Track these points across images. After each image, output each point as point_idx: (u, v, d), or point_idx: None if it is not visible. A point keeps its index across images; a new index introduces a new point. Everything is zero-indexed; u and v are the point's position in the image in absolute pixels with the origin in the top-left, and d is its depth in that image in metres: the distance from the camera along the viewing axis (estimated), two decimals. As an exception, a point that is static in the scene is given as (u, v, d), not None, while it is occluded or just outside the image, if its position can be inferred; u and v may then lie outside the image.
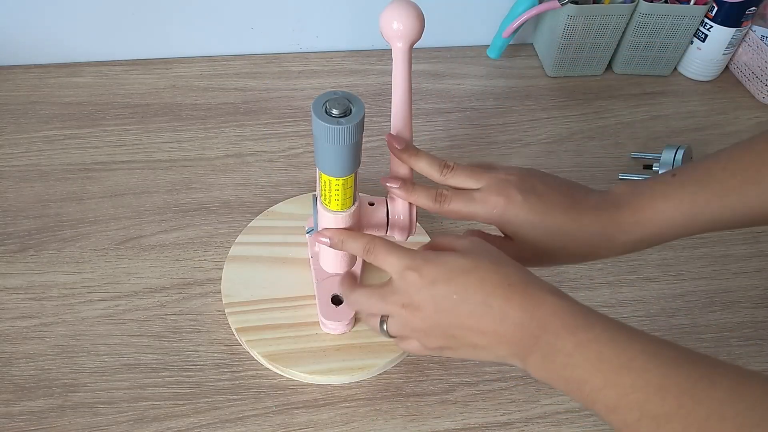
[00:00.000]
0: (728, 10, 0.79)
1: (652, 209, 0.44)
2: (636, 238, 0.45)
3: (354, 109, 0.43)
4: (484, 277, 0.40)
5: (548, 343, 0.38)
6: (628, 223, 0.44)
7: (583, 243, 0.45)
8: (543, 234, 0.45)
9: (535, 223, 0.44)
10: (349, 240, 0.48)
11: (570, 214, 0.45)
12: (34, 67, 0.82)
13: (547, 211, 0.44)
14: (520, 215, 0.44)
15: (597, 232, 0.45)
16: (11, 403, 0.52)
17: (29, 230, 0.64)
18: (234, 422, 0.52)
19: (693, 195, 0.44)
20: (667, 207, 0.44)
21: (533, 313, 0.38)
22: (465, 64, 0.87)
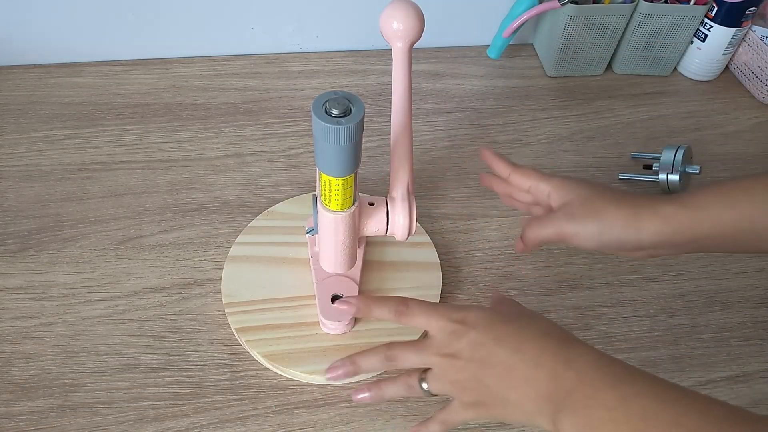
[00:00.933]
0: (728, 10, 0.79)
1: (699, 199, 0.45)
2: (678, 212, 0.45)
3: (354, 109, 0.43)
4: (522, 326, 0.40)
5: (585, 397, 0.36)
6: (674, 203, 0.46)
7: (625, 209, 0.46)
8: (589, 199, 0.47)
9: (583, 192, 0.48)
10: (376, 307, 0.46)
11: (618, 194, 0.48)
12: (34, 67, 0.82)
13: (596, 198, 0.47)
14: (579, 192, 0.49)
15: (641, 207, 0.46)
16: (11, 403, 0.52)
17: (29, 230, 0.64)
18: (234, 422, 0.52)
19: (683, 214, 0.45)
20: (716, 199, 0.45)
21: (569, 365, 0.37)
22: (465, 64, 0.87)
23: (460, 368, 0.41)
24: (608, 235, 0.46)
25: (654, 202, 0.46)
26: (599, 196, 0.47)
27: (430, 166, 0.73)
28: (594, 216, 0.47)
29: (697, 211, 0.45)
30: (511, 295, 0.61)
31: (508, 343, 0.39)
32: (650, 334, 0.59)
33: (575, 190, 0.48)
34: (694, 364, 0.57)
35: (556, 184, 0.50)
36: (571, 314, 0.60)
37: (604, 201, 0.47)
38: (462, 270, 0.63)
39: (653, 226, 0.45)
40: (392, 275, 0.60)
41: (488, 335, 0.40)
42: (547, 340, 0.39)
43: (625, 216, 0.46)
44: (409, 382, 0.44)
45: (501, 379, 0.39)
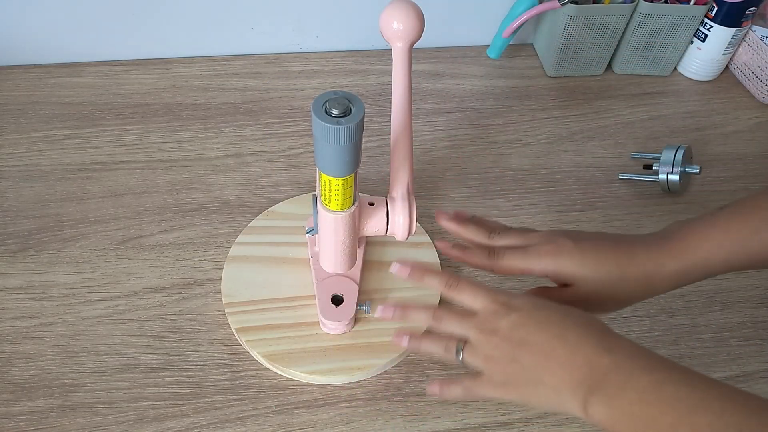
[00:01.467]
0: (728, 10, 0.79)
1: (700, 236, 0.45)
2: (685, 265, 0.45)
3: (354, 109, 0.43)
4: (566, 315, 0.41)
5: (619, 382, 0.37)
6: (677, 250, 0.45)
7: (639, 276, 0.45)
8: (600, 272, 0.45)
9: (589, 266, 0.45)
10: (428, 275, 0.46)
11: (621, 250, 0.46)
12: (34, 67, 0.82)
13: (599, 254, 0.46)
14: (574, 260, 0.45)
15: (650, 263, 0.45)
16: (11, 403, 0.52)
17: (29, 230, 0.64)
18: (234, 422, 0.52)
19: (740, 223, 0.44)
20: (716, 234, 0.45)
21: (607, 352, 0.38)
22: (465, 64, 0.87)
23: (495, 345, 0.41)
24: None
25: (661, 263, 0.46)
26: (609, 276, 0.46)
27: (430, 166, 0.73)
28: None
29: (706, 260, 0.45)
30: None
31: (550, 328, 0.40)
32: (650, 334, 0.59)
33: (584, 275, 0.46)
34: (694, 364, 0.57)
35: (557, 269, 0.47)
36: (571, 314, 0.60)
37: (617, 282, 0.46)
38: (462, 270, 0.63)
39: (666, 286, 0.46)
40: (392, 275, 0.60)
41: (531, 318, 0.41)
42: (588, 329, 0.40)
43: (637, 283, 0.46)
44: (447, 344, 0.44)
45: (538, 361, 0.40)
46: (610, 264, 0.45)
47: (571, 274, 0.46)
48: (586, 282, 0.46)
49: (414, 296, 0.58)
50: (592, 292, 0.46)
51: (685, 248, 0.45)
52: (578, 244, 0.46)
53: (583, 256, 0.46)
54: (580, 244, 0.46)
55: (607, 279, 0.45)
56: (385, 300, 0.58)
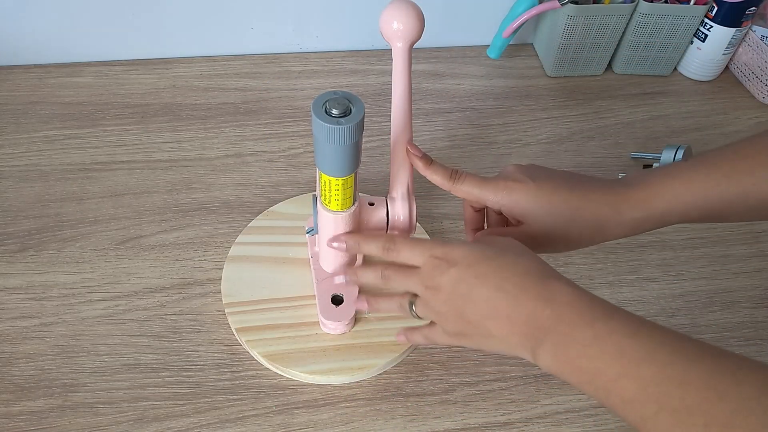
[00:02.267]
0: (728, 10, 0.79)
1: (662, 186, 0.44)
2: (644, 214, 0.45)
3: (354, 109, 0.43)
4: (503, 264, 0.40)
5: (562, 334, 0.37)
6: (636, 199, 0.45)
7: (591, 220, 0.45)
8: (552, 213, 0.45)
9: (543, 203, 0.45)
10: (365, 242, 0.48)
11: (577, 191, 0.45)
12: (34, 67, 0.82)
13: (554, 190, 0.45)
14: (529, 195, 0.45)
15: (605, 207, 0.45)
16: (11, 403, 0.52)
17: (29, 230, 0.64)
18: (234, 422, 0.52)
19: (704, 176, 0.44)
20: (677, 185, 0.44)
21: (548, 303, 0.38)
22: (465, 64, 0.87)
23: (442, 301, 0.42)
24: None
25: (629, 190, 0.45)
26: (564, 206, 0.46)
27: (430, 166, 0.73)
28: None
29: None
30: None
31: (489, 281, 0.40)
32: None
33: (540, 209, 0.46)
34: (694, 364, 0.57)
35: (506, 197, 0.46)
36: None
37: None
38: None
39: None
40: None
41: (469, 272, 0.41)
42: (526, 278, 0.39)
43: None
44: (401, 302, 0.46)
45: (482, 315, 0.40)
46: (562, 205, 0.45)
47: (523, 210, 0.46)
48: (536, 220, 0.45)
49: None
50: (542, 231, 0.46)
51: (644, 197, 0.45)
52: (536, 181, 0.46)
53: (538, 195, 0.45)
54: (538, 182, 0.46)
55: (558, 219, 0.45)
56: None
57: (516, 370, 0.56)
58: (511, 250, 0.42)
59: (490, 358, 0.57)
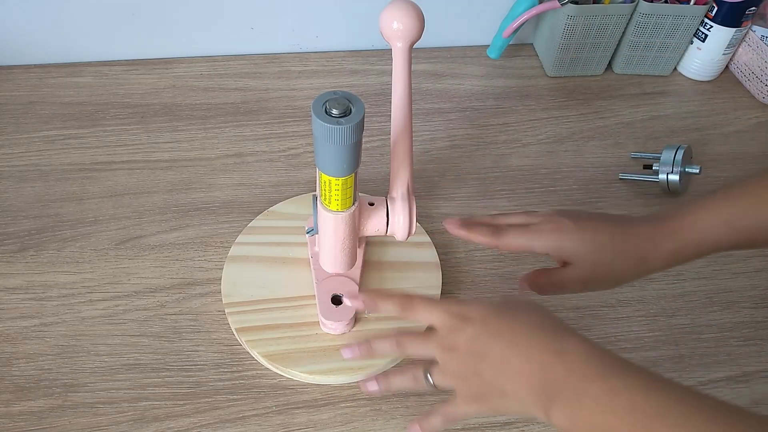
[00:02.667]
0: (728, 10, 0.79)
1: (694, 216, 0.47)
2: (678, 245, 0.47)
3: (354, 109, 0.43)
4: (517, 320, 0.41)
5: (575, 388, 0.37)
6: (671, 230, 0.47)
7: (634, 253, 0.47)
8: (597, 252, 0.47)
9: (588, 242, 0.47)
10: (382, 301, 0.46)
11: (618, 228, 0.48)
12: (34, 67, 0.82)
13: (597, 230, 0.48)
14: (573, 238, 0.47)
15: (646, 241, 0.47)
16: (11, 403, 0.52)
17: (29, 230, 0.64)
18: (234, 422, 0.52)
19: (730, 205, 0.46)
20: (708, 215, 0.46)
21: (559, 356, 0.38)
22: (465, 64, 0.87)
23: (460, 361, 0.42)
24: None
25: (656, 242, 0.47)
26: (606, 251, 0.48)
27: (430, 166, 0.73)
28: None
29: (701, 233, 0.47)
30: (511, 295, 0.61)
31: (503, 337, 0.40)
32: (650, 334, 0.59)
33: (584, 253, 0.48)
34: (694, 364, 0.57)
35: (557, 246, 0.48)
36: (571, 314, 0.60)
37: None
38: (462, 270, 0.63)
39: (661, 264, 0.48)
40: (392, 275, 0.60)
41: (485, 328, 0.41)
42: (538, 332, 0.40)
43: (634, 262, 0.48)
44: (414, 374, 0.45)
45: (497, 371, 0.40)
46: (607, 242, 0.47)
47: (570, 252, 0.47)
48: (584, 259, 0.47)
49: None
50: (590, 269, 0.47)
51: (679, 229, 0.47)
52: (577, 222, 0.48)
53: (582, 234, 0.47)
54: (579, 223, 0.48)
55: (604, 256, 0.47)
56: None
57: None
58: (527, 306, 0.42)
59: (490, 358, 0.56)
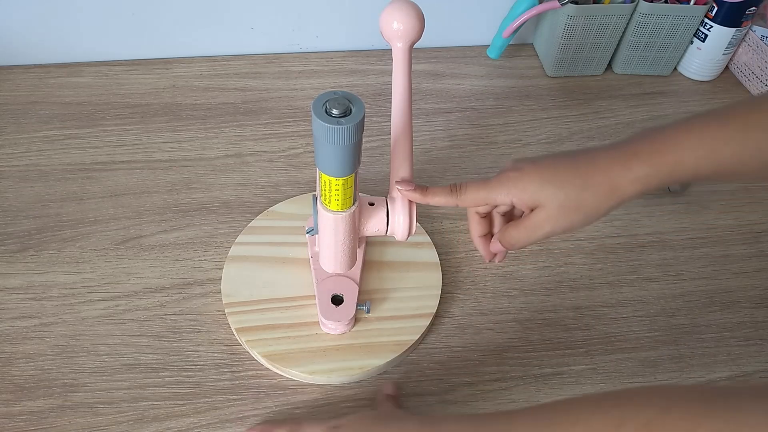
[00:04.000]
0: (728, 10, 0.79)
1: (673, 138, 0.42)
2: (653, 169, 0.43)
3: (354, 109, 0.43)
4: (389, 422, 0.46)
5: None
6: (644, 153, 0.43)
7: (603, 181, 0.43)
8: (562, 186, 0.44)
9: (550, 178, 0.44)
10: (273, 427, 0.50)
11: (582, 160, 0.44)
12: (34, 67, 0.82)
13: (557, 164, 0.45)
14: (533, 180, 0.44)
15: (615, 165, 0.43)
16: (11, 403, 0.52)
17: (29, 230, 0.64)
18: (234, 422, 0.52)
19: (716, 130, 0.42)
20: (688, 138, 0.42)
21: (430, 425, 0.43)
22: (465, 64, 0.87)
23: None
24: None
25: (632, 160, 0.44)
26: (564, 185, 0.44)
27: (430, 166, 0.73)
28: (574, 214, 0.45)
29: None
30: (511, 295, 0.61)
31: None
32: (650, 334, 0.59)
33: (539, 193, 0.45)
34: (694, 364, 0.57)
35: (510, 191, 0.46)
36: (571, 314, 0.60)
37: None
38: (462, 270, 0.63)
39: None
40: (392, 275, 0.60)
41: (356, 427, 0.46)
42: (406, 422, 0.44)
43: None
44: None
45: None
46: (570, 174, 0.44)
47: (533, 194, 0.45)
48: (550, 199, 0.44)
49: (415, 294, 0.58)
50: (558, 209, 0.44)
51: (654, 151, 0.43)
52: (536, 164, 0.45)
53: (542, 173, 0.45)
54: (538, 164, 0.45)
55: (569, 191, 0.44)
56: (385, 300, 0.58)
57: (516, 370, 0.56)
58: (399, 415, 0.47)
59: (490, 358, 0.57)
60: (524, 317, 0.60)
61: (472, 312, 0.60)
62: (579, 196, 0.44)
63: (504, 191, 0.46)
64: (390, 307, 0.58)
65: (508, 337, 0.58)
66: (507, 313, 0.60)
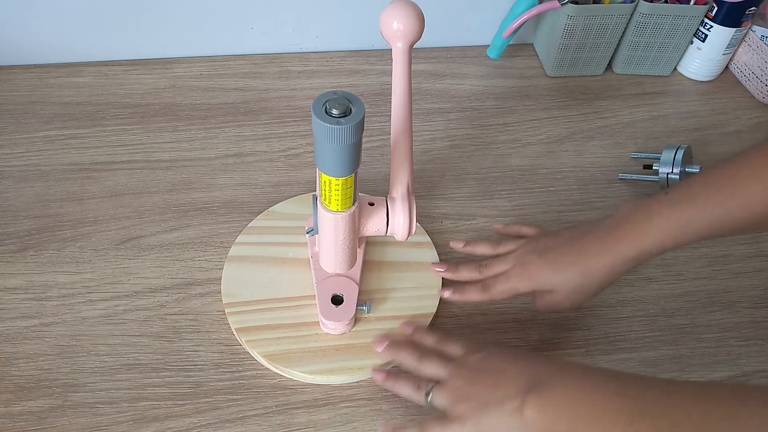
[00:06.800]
0: (728, 10, 0.79)
1: (648, 224, 0.51)
2: (641, 249, 0.51)
3: (354, 109, 0.43)
4: (518, 352, 0.47)
5: (555, 378, 0.42)
6: (630, 237, 0.51)
7: (600, 269, 0.52)
8: (567, 279, 0.53)
9: (557, 274, 0.53)
10: (401, 352, 0.51)
11: (579, 252, 0.53)
12: (34, 67, 0.82)
13: (562, 262, 0.53)
14: (544, 274, 0.53)
15: (607, 255, 0.52)
16: (11, 403, 0.52)
17: (29, 230, 0.64)
18: (234, 422, 0.52)
19: (680, 211, 0.50)
20: (661, 222, 0.50)
21: (549, 364, 0.44)
22: (465, 64, 0.87)
23: (463, 376, 0.46)
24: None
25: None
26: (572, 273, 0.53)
27: (430, 166, 0.73)
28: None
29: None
30: None
31: (506, 358, 0.46)
32: (650, 334, 0.59)
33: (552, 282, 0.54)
34: (694, 364, 0.57)
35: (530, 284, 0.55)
36: (571, 314, 0.60)
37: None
38: (462, 270, 0.63)
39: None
40: (392, 275, 0.60)
41: (494, 353, 0.47)
42: (538, 357, 0.46)
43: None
44: (420, 384, 0.48)
45: (490, 383, 0.45)
46: (573, 268, 0.53)
47: (546, 286, 0.54)
48: (560, 287, 0.53)
49: (415, 294, 0.58)
50: (567, 293, 0.53)
51: (638, 235, 0.51)
52: (543, 257, 0.54)
53: (551, 268, 0.53)
54: (546, 257, 0.54)
55: (574, 280, 0.53)
56: (385, 300, 0.58)
57: (516, 370, 0.56)
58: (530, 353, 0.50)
59: (490, 358, 0.56)
60: (524, 317, 0.60)
61: (472, 312, 0.60)
62: (583, 281, 0.53)
63: (521, 284, 0.54)
64: (390, 307, 0.58)
65: (508, 337, 0.58)
66: (507, 313, 0.60)
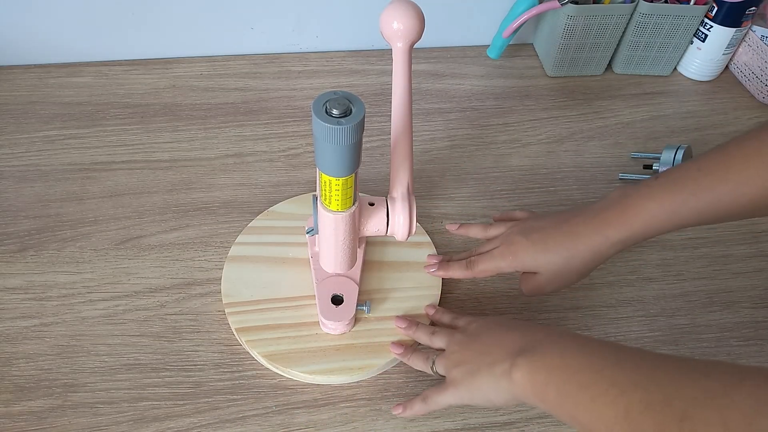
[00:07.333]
0: (728, 10, 0.79)
1: (638, 207, 0.50)
2: (626, 233, 0.50)
3: (354, 109, 0.43)
4: (516, 322, 0.49)
5: (545, 343, 0.43)
6: (617, 222, 0.51)
7: (586, 250, 0.52)
8: (553, 259, 0.53)
9: (542, 255, 0.53)
10: (417, 331, 0.55)
11: (565, 234, 0.53)
12: (34, 67, 0.82)
13: (547, 243, 0.53)
14: (529, 254, 0.53)
15: (594, 236, 0.52)
16: (11, 403, 0.52)
17: (29, 230, 0.64)
18: (234, 422, 0.52)
19: (672, 195, 0.49)
20: (651, 206, 0.49)
21: (544, 330, 0.45)
22: (465, 64, 0.87)
23: (461, 342, 0.49)
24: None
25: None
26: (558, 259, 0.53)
27: (430, 166, 0.73)
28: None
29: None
30: (511, 295, 0.61)
31: (503, 325, 0.48)
32: (650, 334, 0.59)
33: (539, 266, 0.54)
34: (694, 364, 0.57)
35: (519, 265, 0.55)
36: (571, 314, 0.60)
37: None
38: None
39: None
40: (392, 275, 0.60)
41: (492, 321, 0.50)
42: (535, 325, 0.47)
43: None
44: (428, 355, 0.52)
45: (485, 347, 0.47)
46: (559, 249, 0.52)
47: (531, 266, 0.54)
48: (546, 267, 0.53)
49: (415, 294, 0.58)
50: (553, 274, 0.53)
51: (625, 220, 0.50)
52: (529, 238, 0.54)
53: (535, 249, 0.53)
54: (531, 238, 0.54)
55: (560, 261, 0.53)
56: (385, 300, 0.58)
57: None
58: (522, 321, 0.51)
59: (490, 358, 0.57)
60: (524, 317, 0.60)
61: (473, 312, 0.60)
62: (568, 263, 0.52)
63: (506, 263, 0.55)
64: (390, 307, 0.58)
65: (508, 337, 0.58)
66: (507, 313, 0.60)
